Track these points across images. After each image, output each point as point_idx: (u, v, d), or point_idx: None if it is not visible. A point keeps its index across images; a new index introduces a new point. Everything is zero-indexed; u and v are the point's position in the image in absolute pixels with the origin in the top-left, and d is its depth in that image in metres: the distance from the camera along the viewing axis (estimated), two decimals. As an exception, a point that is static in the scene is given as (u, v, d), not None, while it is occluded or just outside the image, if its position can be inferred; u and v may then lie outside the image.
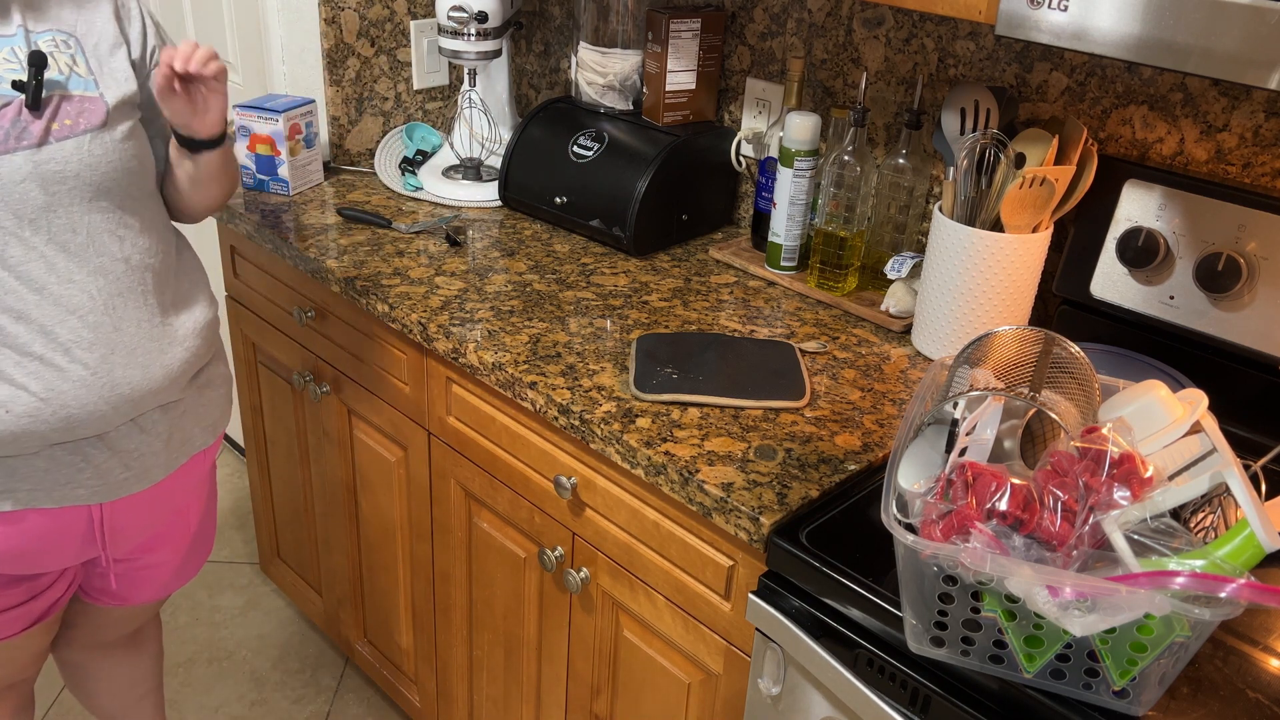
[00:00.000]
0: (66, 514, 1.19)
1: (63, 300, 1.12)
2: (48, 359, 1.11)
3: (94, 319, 1.14)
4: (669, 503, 1.23)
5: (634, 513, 1.27)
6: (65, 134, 1.13)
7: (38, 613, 1.30)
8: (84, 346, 1.13)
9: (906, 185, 1.55)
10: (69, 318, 1.13)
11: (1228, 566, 0.79)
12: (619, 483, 1.28)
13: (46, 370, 1.11)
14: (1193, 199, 1.26)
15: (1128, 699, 0.86)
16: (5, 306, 1.10)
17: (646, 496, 1.25)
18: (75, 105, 1.15)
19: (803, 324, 1.52)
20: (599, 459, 1.29)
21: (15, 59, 1.13)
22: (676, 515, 1.22)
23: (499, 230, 1.79)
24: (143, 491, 1.25)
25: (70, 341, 1.12)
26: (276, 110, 1.81)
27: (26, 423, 1.11)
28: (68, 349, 1.12)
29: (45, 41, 1.15)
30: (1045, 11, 1.00)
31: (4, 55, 1.12)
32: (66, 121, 1.14)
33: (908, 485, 0.92)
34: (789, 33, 1.71)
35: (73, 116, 1.14)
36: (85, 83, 1.17)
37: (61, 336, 1.12)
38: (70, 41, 1.17)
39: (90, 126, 1.15)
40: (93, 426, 1.16)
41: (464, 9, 1.80)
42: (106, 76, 1.19)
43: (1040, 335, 1.05)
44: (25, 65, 1.12)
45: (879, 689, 1.00)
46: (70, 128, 1.14)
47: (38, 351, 1.11)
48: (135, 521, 1.28)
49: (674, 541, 1.23)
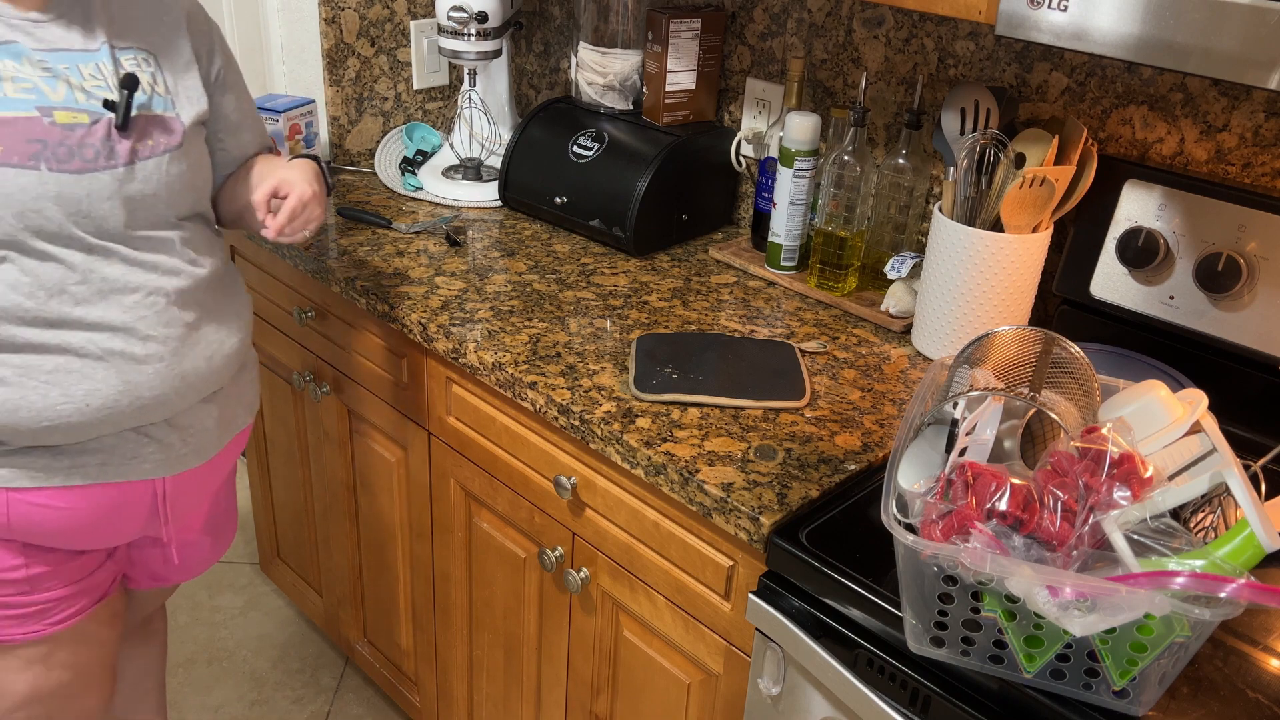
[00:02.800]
0: (134, 488, 1.24)
1: (142, 301, 1.17)
2: (127, 353, 1.16)
3: (168, 316, 1.19)
4: (669, 503, 1.23)
5: (634, 513, 1.27)
6: (148, 154, 1.16)
7: (102, 587, 1.33)
8: (159, 341, 1.18)
9: (906, 185, 1.55)
10: (147, 314, 1.17)
11: (1228, 566, 0.79)
12: (619, 483, 1.28)
13: (126, 364, 1.16)
14: (1193, 199, 1.26)
15: (1128, 699, 0.86)
16: (88, 308, 1.13)
17: (646, 496, 1.25)
18: (157, 125, 1.18)
19: (803, 324, 1.52)
20: (599, 459, 1.29)
21: (101, 76, 1.14)
22: (676, 515, 1.22)
23: (499, 230, 1.79)
24: (199, 467, 1.31)
25: (147, 336, 1.17)
26: (276, 110, 1.81)
27: (105, 414, 1.16)
28: (144, 343, 1.17)
29: (128, 59, 1.17)
30: (1045, 11, 1.00)
31: (89, 71, 1.13)
32: (149, 142, 1.16)
33: (908, 485, 0.92)
34: (789, 33, 1.71)
35: (155, 137, 1.17)
36: (164, 102, 1.19)
37: (139, 332, 1.16)
38: (150, 60, 1.20)
39: (170, 147, 1.18)
40: (162, 411, 1.21)
41: (464, 9, 1.80)
42: (182, 96, 1.22)
43: (1040, 335, 1.05)
44: (116, 84, 1.14)
45: (879, 689, 1.00)
46: (152, 148, 1.17)
47: (119, 348, 1.15)
48: (192, 496, 1.33)
49: (674, 541, 1.23)
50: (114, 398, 1.16)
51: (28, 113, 1.08)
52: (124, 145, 1.13)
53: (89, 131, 1.11)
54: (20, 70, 1.09)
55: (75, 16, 1.14)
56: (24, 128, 1.07)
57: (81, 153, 1.10)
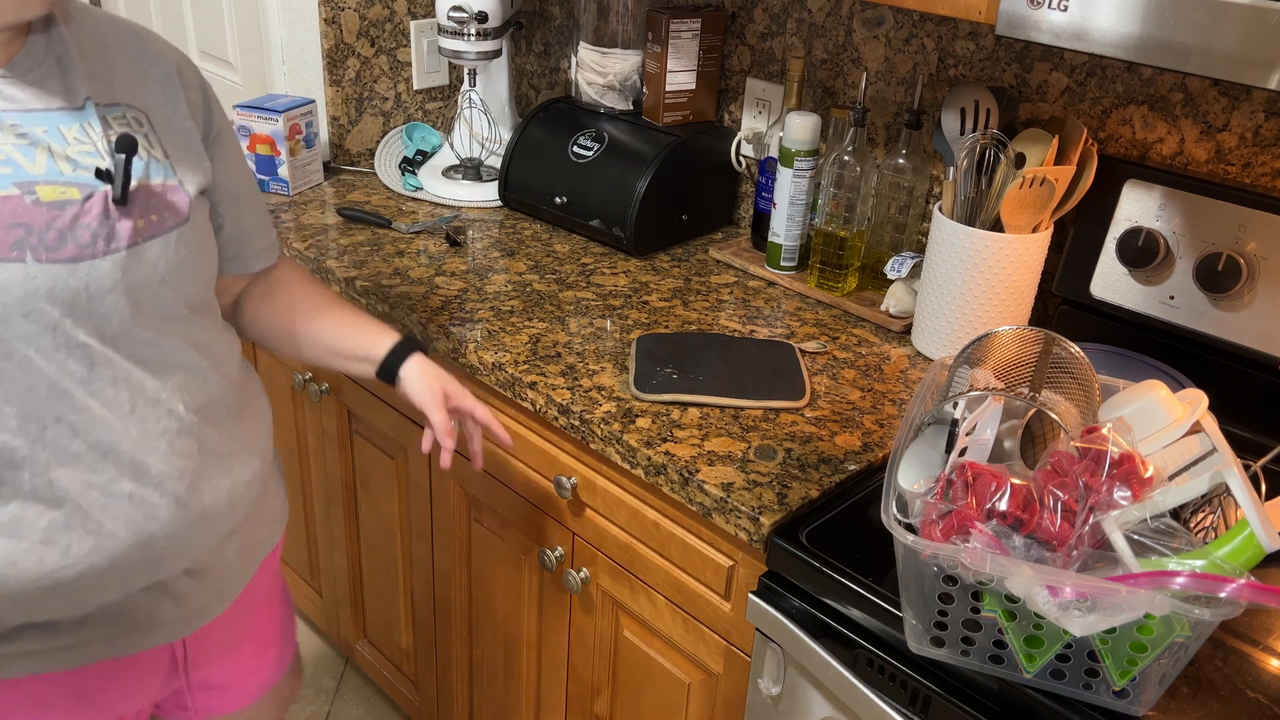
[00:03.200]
0: (146, 656, 1.05)
1: (150, 425, 0.95)
2: (137, 496, 0.94)
3: (181, 443, 0.98)
4: (669, 503, 1.23)
5: (634, 513, 1.27)
6: (152, 232, 0.94)
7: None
8: (174, 476, 0.97)
9: (906, 185, 1.55)
10: (158, 444, 0.96)
11: (1228, 566, 0.79)
12: (619, 483, 1.28)
13: (135, 510, 0.94)
14: (1193, 199, 1.26)
15: (1128, 699, 0.86)
16: (92, 440, 0.92)
17: (646, 496, 1.25)
18: (158, 197, 0.96)
19: (803, 324, 1.52)
20: (599, 459, 1.29)
21: (88, 139, 0.92)
22: (676, 515, 1.22)
23: (499, 230, 1.79)
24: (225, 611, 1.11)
25: (162, 473, 0.96)
26: (276, 110, 1.81)
27: (113, 575, 0.94)
28: (159, 482, 0.96)
29: (116, 119, 0.96)
30: (1045, 11, 1.00)
31: (74, 135, 0.91)
32: (152, 217, 0.95)
33: (908, 485, 0.92)
34: (789, 33, 1.71)
35: (157, 211, 0.96)
36: (164, 169, 0.98)
37: (153, 468, 0.95)
38: (142, 119, 0.98)
39: (176, 222, 0.97)
40: (179, 562, 1.00)
41: (464, 9, 1.80)
42: (182, 162, 1.00)
43: (1040, 335, 1.05)
44: (108, 149, 0.93)
45: (879, 689, 1.00)
46: (156, 224, 0.95)
47: (126, 489, 0.94)
48: (216, 642, 1.13)
49: (674, 541, 1.23)
50: (122, 553, 0.94)
51: (4, 190, 0.86)
52: (125, 224, 0.92)
53: (82, 209, 0.89)
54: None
55: (49, 69, 0.91)
56: (2, 210, 0.85)
57: (75, 236, 0.88)
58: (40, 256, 0.86)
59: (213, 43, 2.20)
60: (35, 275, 0.86)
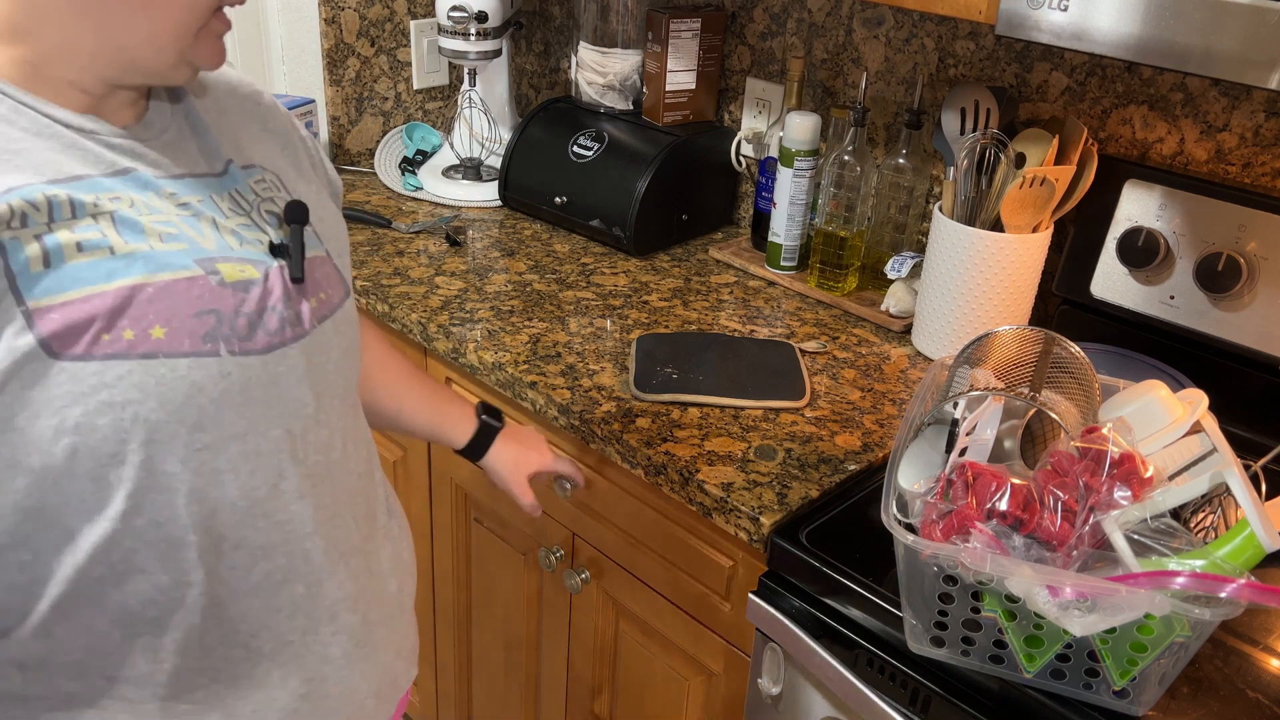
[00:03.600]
0: None
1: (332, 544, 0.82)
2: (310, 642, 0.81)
3: (355, 563, 0.85)
4: (669, 503, 1.23)
5: (634, 513, 1.27)
6: (324, 313, 0.81)
7: None
8: (348, 606, 0.84)
9: (906, 185, 1.55)
10: (338, 568, 0.83)
11: (1228, 566, 0.79)
12: (619, 482, 1.28)
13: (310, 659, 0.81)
14: (1193, 199, 1.26)
15: (1128, 699, 0.86)
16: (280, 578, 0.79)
17: (647, 496, 1.25)
18: (321, 271, 0.83)
19: (803, 324, 1.52)
20: (599, 458, 1.29)
21: (242, 208, 0.79)
22: (676, 515, 1.22)
23: (499, 230, 1.79)
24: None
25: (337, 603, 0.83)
26: (276, 110, 1.81)
27: None
28: (334, 615, 0.83)
29: (258, 184, 0.82)
30: (1045, 11, 1.00)
31: (227, 205, 0.78)
32: (321, 295, 0.81)
33: (908, 485, 0.92)
34: (789, 33, 1.71)
35: (324, 287, 0.82)
36: (314, 238, 0.84)
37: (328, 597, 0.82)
38: (278, 183, 0.85)
39: (340, 298, 0.85)
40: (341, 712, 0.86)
41: (464, 9, 1.80)
42: (326, 228, 0.86)
43: (1040, 335, 1.05)
44: (269, 219, 0.80)
45: (879, 689, 1.00)
46: (325, 304, 0.82)
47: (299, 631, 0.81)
48: None
49: (674, 541, 1.23)
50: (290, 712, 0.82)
51: (187, 271, 0.71)
52: (305, 306, 0.79)
53: (265, 290, 0.75)
54: (158, 209, 0.73)
55: (181, 130, 0.80)
56: (189, 294, 0.71)
57: (265, 323, 0.75)
58: (234, 348, 0.73)
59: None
60: (230, 371, 0.72)
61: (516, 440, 1.22)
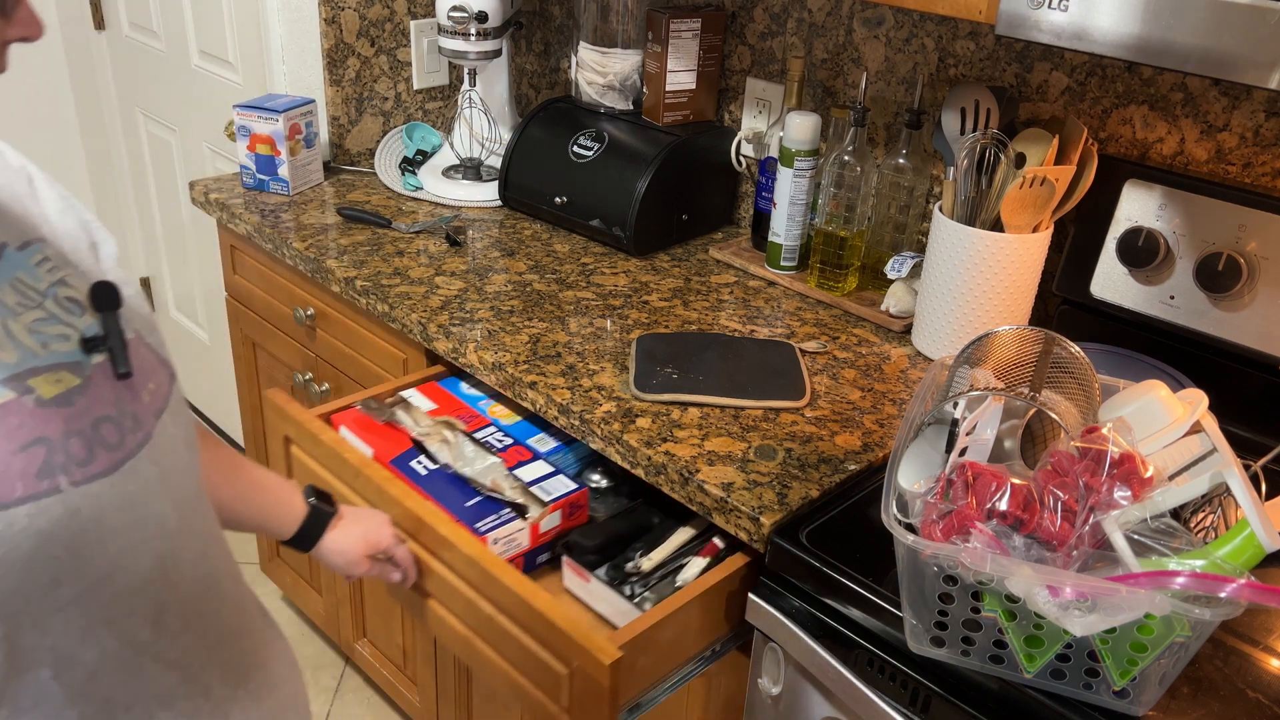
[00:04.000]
0: None
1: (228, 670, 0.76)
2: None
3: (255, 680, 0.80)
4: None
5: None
6: (159, 405, 0.68)
7: None
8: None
9: (906, 185, 1.55)
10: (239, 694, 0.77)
11: (1228, 566, 0.79)
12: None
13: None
14: (1193, 199, 1.26)
15: (1128, 699, 0.86)
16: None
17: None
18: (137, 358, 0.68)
19: (803, 324, 1.52)
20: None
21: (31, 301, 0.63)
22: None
23: (499, 230, 1.79)
24: None
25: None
26: (276, 110, 1.81)
27: None
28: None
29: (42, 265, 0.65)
30: (1045, 11, 1.00)
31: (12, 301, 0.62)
32: (151, 386, 0.68)
33: (908, 485, 0.92)
34: (789, 33, 1.71)
35: (150, 377, 0.68)
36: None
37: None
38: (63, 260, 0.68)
39: (168, 385, 0.70)
40: None
41: (464, 9, 1.80)
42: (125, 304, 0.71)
43: (1040, 335, 1.05)
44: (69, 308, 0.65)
45: (879, 689, 1.00)
46: (157, 395, 0.68)
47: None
48: None
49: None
50: None
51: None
52: (139, 404, 0.66)
53: (92, 398, 0.63)
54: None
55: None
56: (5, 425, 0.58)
57: (102, 437, 0.62)
58: (76, 477, 0.60)
59: (213, 43, 2.20)
60: (79, 507, 0.60)
61: (358, 523, 1.13)
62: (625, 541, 1.23)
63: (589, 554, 1.20)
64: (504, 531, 1.19)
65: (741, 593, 1.16)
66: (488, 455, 1.28)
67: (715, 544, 1.20)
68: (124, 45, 2.54)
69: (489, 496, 1.23)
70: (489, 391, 1.45)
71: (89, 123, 2.85)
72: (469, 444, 1.29)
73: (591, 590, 1.19)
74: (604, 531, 1.23)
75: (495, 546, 1.19)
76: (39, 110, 2.83)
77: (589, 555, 1.20)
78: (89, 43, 2.67)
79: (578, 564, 1.20)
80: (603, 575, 1.18)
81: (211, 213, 1.88)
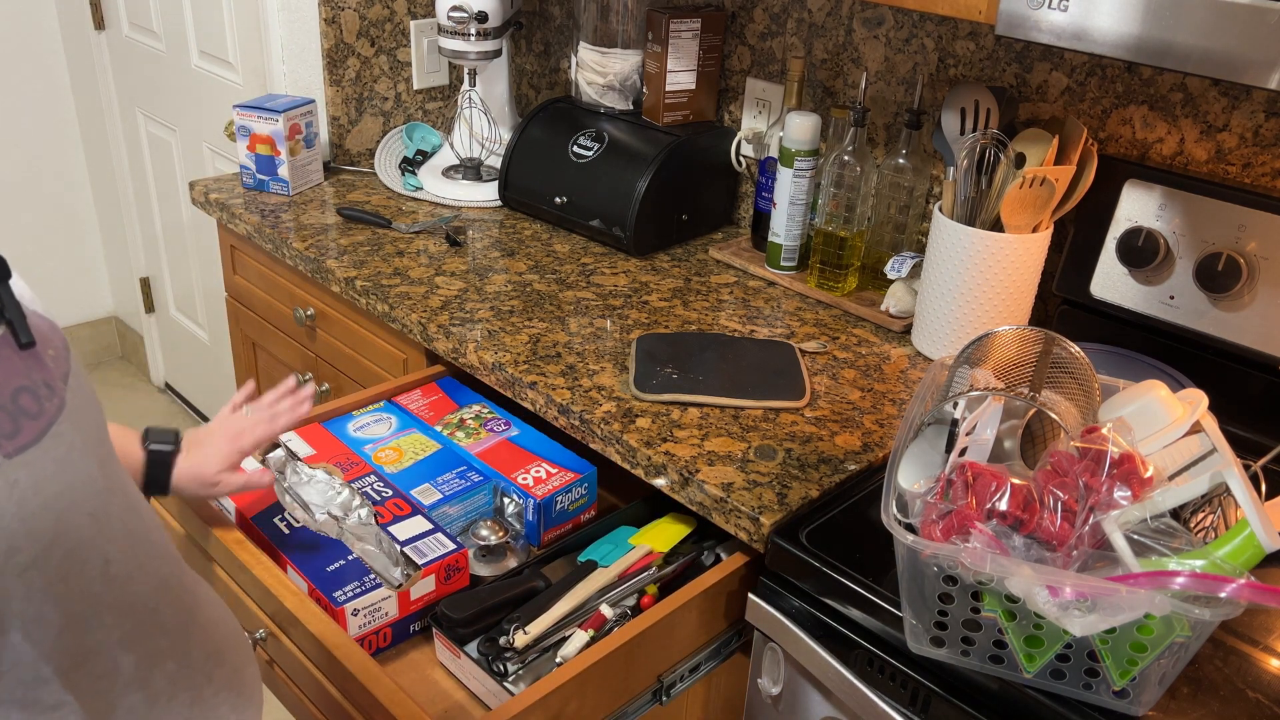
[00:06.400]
0: None
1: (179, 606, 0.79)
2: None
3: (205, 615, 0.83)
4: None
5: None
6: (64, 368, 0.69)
7: None
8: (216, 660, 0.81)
9: (906, 185, 1.55)
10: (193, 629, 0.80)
11: (1228, 566, 0.79)
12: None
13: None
14: (1193, 199, 1.26)
15: (1128, 699, 0.86)
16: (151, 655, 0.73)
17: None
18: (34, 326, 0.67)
19: (803, 324, 1.52)
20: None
21: None
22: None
23: (499, 230, 1.79)
24: None
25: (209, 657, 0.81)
26: (276, 110, 1.81)
27: None
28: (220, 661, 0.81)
29: None
30: (1045, 11, 1.00)
31: None
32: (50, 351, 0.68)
33: (908, 485, 0.92)
34: (789, 33, 1.71)
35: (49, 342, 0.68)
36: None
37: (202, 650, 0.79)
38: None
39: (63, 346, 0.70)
40: None
41: (464, 9, 1.80)
42: None
43: (1040, 335, 1.05)
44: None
45: (879, 689, 1.00)
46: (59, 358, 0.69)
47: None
48: None
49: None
50: None
51: None
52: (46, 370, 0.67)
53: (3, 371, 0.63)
54: None
55: None
56: None
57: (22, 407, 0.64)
58: (8, 450, 0.62)
59: (213, 43, 2.20)
60: (17, 478, 0.62)
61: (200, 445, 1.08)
62: (504, 610, 1.11)
63: (459, 627, 1.08)
64: (366, 601, 1.07)
65: (741, 593, 1.16)
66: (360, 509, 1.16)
67: (602, 614, 1.10)
68: (124, 45, 2.54)
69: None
70: (487, 392, 1.44)
71: (89, 122, 2.85)
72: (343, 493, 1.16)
73: (462, 667, 1.08)
74: (476, 601, 1.10)
75: (356, 618, 1.07)
76: (39, 110, 2.83)
77: (460, 629, 1.08)
78: (89, 43, 2.67)
79: (447, 638, 1.08)
80: (473, 652, 1.07)
81: (211, 213, 1.88)
